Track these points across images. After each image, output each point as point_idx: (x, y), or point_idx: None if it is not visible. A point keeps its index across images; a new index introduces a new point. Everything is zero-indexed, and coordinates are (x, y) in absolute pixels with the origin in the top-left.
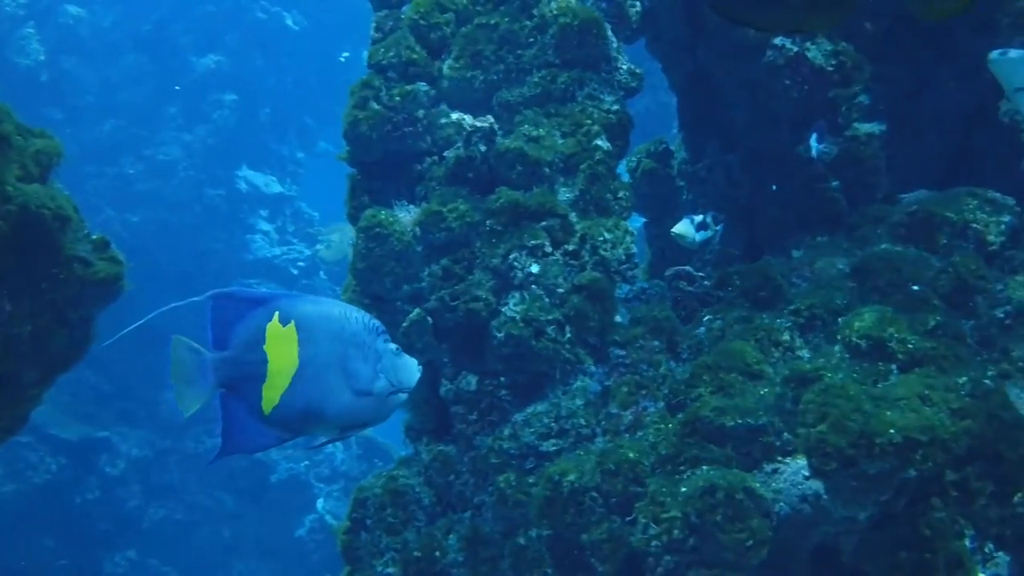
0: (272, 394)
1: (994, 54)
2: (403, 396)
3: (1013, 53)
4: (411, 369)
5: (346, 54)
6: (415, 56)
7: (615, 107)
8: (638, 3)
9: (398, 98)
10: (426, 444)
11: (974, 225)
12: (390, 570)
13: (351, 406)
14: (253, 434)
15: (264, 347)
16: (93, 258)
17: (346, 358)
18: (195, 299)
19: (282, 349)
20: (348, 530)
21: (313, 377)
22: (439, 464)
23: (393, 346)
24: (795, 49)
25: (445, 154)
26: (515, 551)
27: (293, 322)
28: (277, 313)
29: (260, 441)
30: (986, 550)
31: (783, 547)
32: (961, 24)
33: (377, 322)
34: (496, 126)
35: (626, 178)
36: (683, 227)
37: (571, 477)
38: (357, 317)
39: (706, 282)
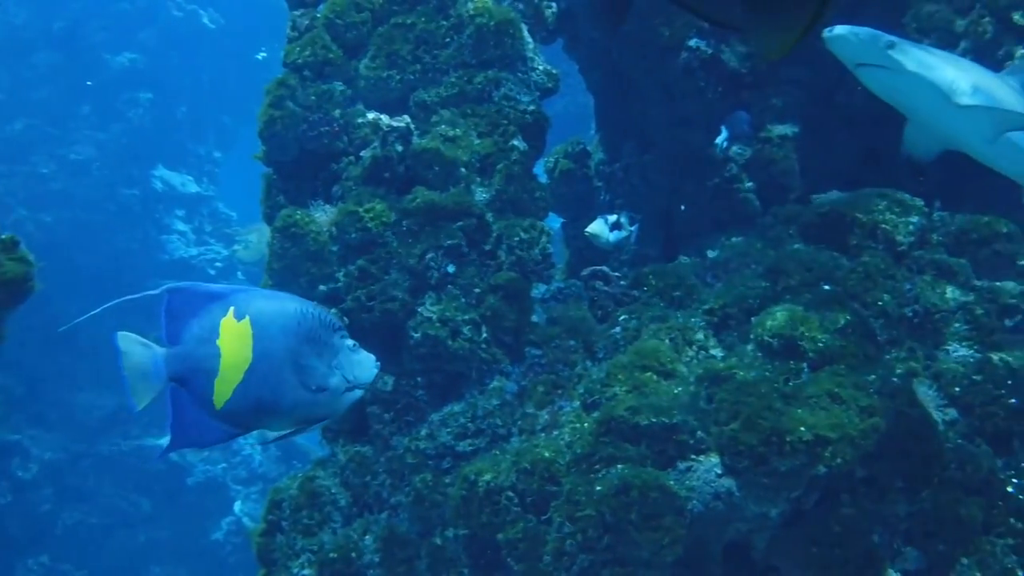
0: (224, 388)
1: (824, 32)
2: (359, 392)
3: (840, 28)
4: (367, 365)
5: (264, 52)
6: (331, 55)
7: (531, 107)
8: (554, 4)
9: (314, 97)
10: (343, 445)
11: (883, 226)
12: (306, 572)
13: (305, 402)
14: (204, 428)
15: (218, 341)
16: (1, 258)
17: (301, 354)
18: (150, 292)
19: (236, 344)
20: (263, 532)
21: (266, 372)
22: (356, 465)
23: (350, 342)
24: (710, 51)
25: (362, 154)
26: (432, 551)
27: (248, 317)
28: (232, 308)
29: (211, 435)
30: (895, 545)
31: (697, 544)
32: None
33: (334, 318)
34: (413, 126)
35: (543, 178)
36: (597, 227)
37: (487, 477)
38: (313, 313)
39: (622, 282)
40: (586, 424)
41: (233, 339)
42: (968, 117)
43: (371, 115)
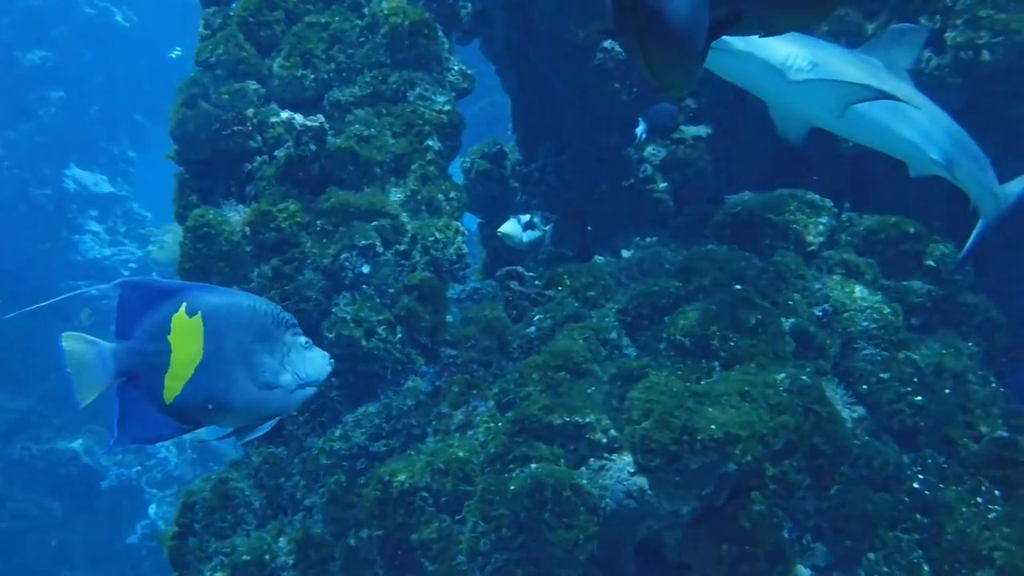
0: (174, 384)
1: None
2: (312, 390)
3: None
4: (320, 363)
5: (178, 51)
6: (244, 54)
7: (447, 107)
8: (469, 4)
9: (227, 96)
10: (256, 447)
11: (794, 226)
12: (218, 575)
13: (256, 398)
14: (153, 424)
15: (169, 337)
16: None
17: (252, 351)
18: (103, 286)
19: (187, 340)
20: (176, 535)
21: (217, 369)
22: (269, 466)
23: (303, 339)
24: (624, 53)
25: (275, 153)
26: (346, 552)
27: (200, 313)
28: (184, 304)
29: (159, 431)
30: (804, 541)
31: (610, 542)
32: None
33: (288, 315)
34: (327, 125)
35: (460, 179)
36: (509, 227)
37: (401, 477)
38: (266, 310)
39: (537, 282)
40: (500, 424)
41: (184, 335)
42: (808, 92)
43: (285, 114)
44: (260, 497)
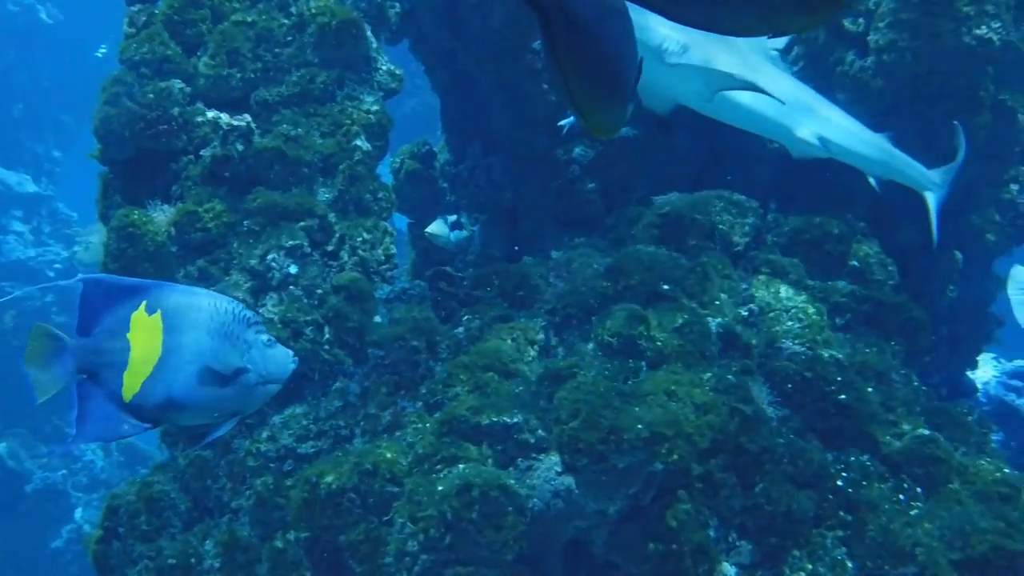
0: (133, 382)
1: None
2: (274, 387)
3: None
4: (282, 360)
5: (104, 49)
6: (169, 52)
7: (375, 107)
8: (398, 4)
9: (152, 95)
10: (183, 449)
11: (721, 227)
12: None
13: (215, 396)
14: (111, 422)
15: (128, 335)
16: None
17: (212, 349)
18: (64, 283)
19: (146, 338)
20: (100, 539)
21: (176, 366)
22: (196, 469)
23: (265, 337)
24: None
25: (201, 153)
26: (273, 554)
27: (160, 311)
28: (145, 302)
29: (118, 429)
30: (729, 539)
31: (537, 542)
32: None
33: (250, 313)
34: (254, 125)
35: (388, 179)
36: (436, 227)
37: (329, 478)
38: (228, 308)
39: (465, 282)
40: (428, 424)
41: (143, 333)
42: (680, 77)
43: (211, 114)
44: (186, 500)
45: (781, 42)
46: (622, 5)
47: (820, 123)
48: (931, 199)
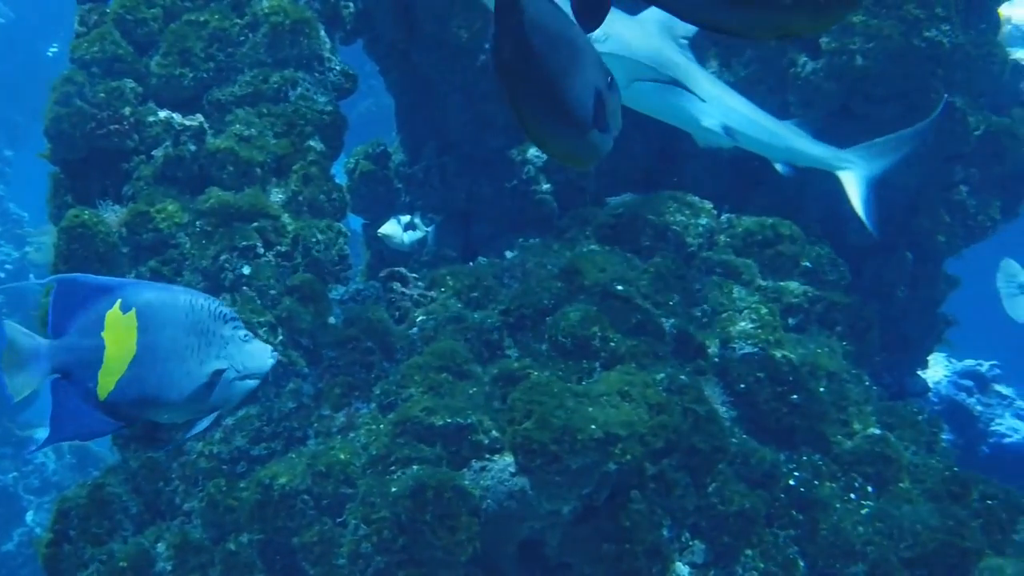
0: (108, 380)
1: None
2: (252, 382)
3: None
4: (260, 356)
5: (55, 48)
6: (121, 52)
7: (329, 108)
8: (352, 4)
9: (103, 95)
10: (134, 451)
11: (674, 227)
12: None
13: (192, 393)
14: (87, 420)
15: (102, 334)
16: None
17: (188, 345)
18: (38, 282)
19: (120, 336)
20: (50, 543)
21: (152, 364)
22: (147, 471)
23: (242, 332)
24: None
25: (153, 153)
26: (226, 557)
27: (134, 309)
28: (119, 300)
29: (94, 427)
30: (683, 539)
31: (491, 543)
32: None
33: (227, 309)
34: (206, 125)
35: (343, 179)
36: (389, 227)
37: (282, 480)
38: (204, 304)
39: (420, 283)
40: (382, 425)
41: (118, 331)
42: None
43: (163, 113)
44: (138, 502)
45: (691, 30)
46: (573, 35)
47: (726, 112)
48: (847, 177)
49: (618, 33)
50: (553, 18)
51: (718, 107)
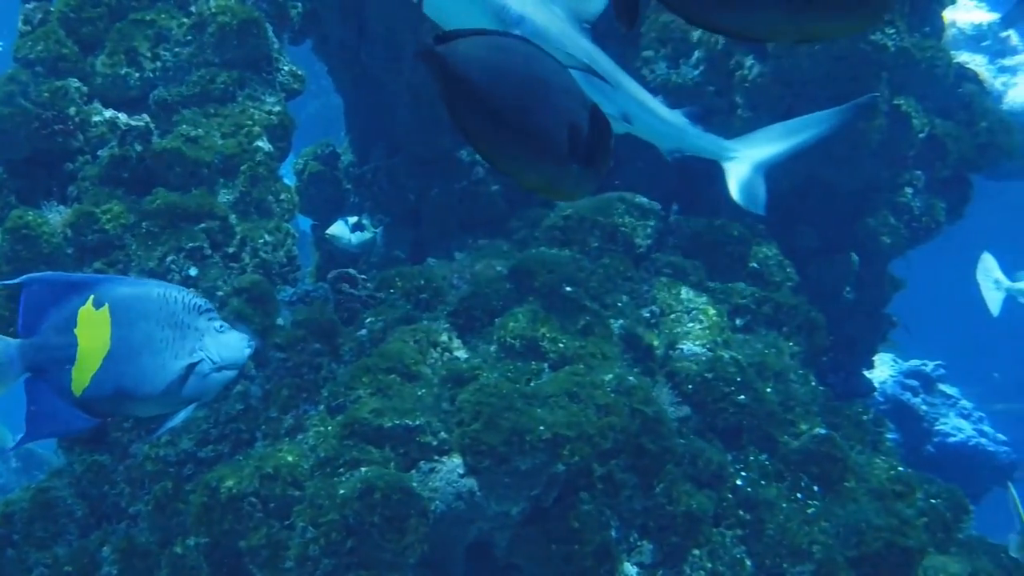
0: (82, 376)
1: None
2: (231, 373)
3: None
4: (236, 346)
5: None
6: (66, 51)
7: (276, 108)
8: (300, 4)
9: (47, 94)
10: (79, 454)
11: (623, 229)
12: None
13: (168, 385)
14: (63, 417)
15: (75, 330)
16: None
17: (162, 339)
18: (8, 282)
19: (94, 332)
20: None
21: (126, 358)
22: (93, 474)
23: (218, 324)
24: None
25: (99, 153)
26: (172, 561)
27: (107, 305)
28: (92, 296)
29: (71, 423)
30: (631, 539)
31: (440, 544)
32: (611, 37)
33: (202, 301)
34: (153, 125)
35: (291, 180)
36: (337, 228)
37: (229, 483)
38: (178, 297)
39: (368, 284)
40: (330, 427)
41: (91, 327)
42: None
43: (108, 113)
44: (83, 506)
45: (594, 14)
46: (522, 68)
47: (625, 99)
48: (728, 167)
49: (531, 17)
50: (500, 55)
51: (620, 93)
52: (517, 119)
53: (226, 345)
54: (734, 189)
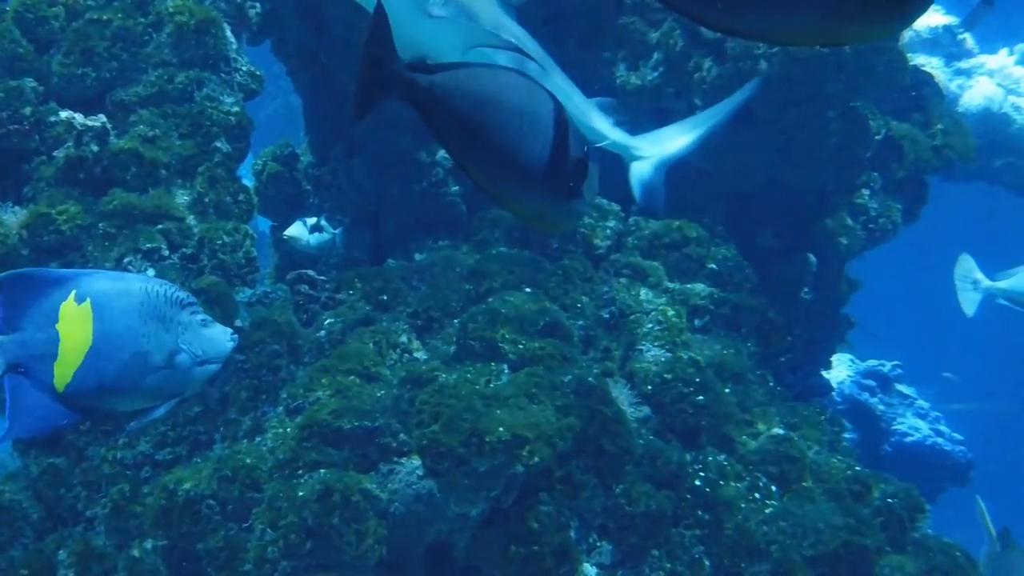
0: (65, 372)
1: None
2: (214, 366)
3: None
4: (218, 340)
5: None
6: (21, 50)
7: (235, 108)
8: (258, 4)
9: (2, 94)
10: (35, 457)
11: (582, 230)
12: None
13: (151, 380)
14: (46, 413)
15: (57, 326)
16: None
17: (145, 333)
18: None
19: (76, 327)
20: None
21: (108, 353)
22: (49, 477)
23: (200, 317)
24: None
25: (55, 154)
26: (129, 564)
27: (89, 300)
28: (74, 291)
29: (53, 420)
30: (590, 540)
31: (399, 547)
32: (569, 39)
33: (183, 294)
34: (110, 126)
35: (250, 181)
36: (295, 230)
37: (187, 485)
38: (159, 291)
39: (328, 285)
40: (289, 429)
41: (73, 323)
42: (440, 29)
43: (64, 113)
44: (39, 509)
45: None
46: (504, 98)
47: (554, 85)
48: (633, 164)
49: (461, 1)
50: (486, 86)
51: (545, 80)
52: (505, 152)
53: (209, 339)
54: (635, 188)
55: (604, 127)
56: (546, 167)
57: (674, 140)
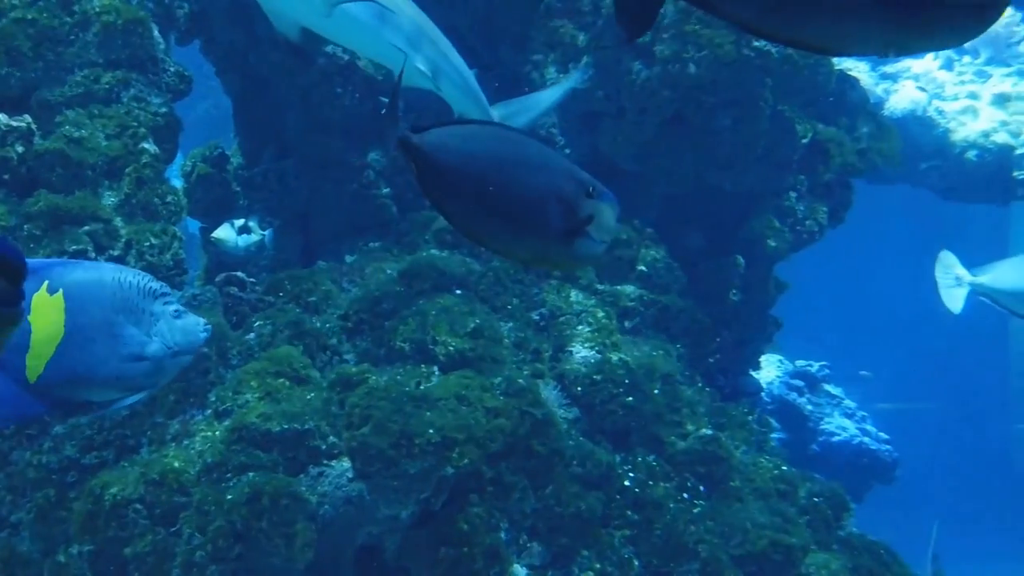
0: (36, 363)
1: None
2: (187, 358)
3: None
4: (192, 330)
5: None
6: None
7: (163, 109)
8: (187, 4)
9: None
10: None
11: None
12: None
13: (123, 371)
14: (18, 404)
15: (28, 317)
16: None
17: (117, 323)
18: None
19: (47, 318)
20: None
21: (80, 344)
22: None
23: (173, 308)
24: (347, 57)
25: None
26: (55, 569)
27: (61, 290)
28: (46, 282)
29: (26, 411)
30: (521, 541)
31: (329, 549)
32: (503, 41)
33: (157, 285)
34: (35, 126)
35: (179, 182)
36: (222, 232)
37: (113, 490)
38: (132, 281)
39: (257, 287)
40: (218, 432)
41: (45, 313)
42: None
43: None
44: None
45: None
46: (492, 151)
47: (437, 55)
48: None
49: None
50: (473, 140)
51: (430, 48)
52: (493, 200)
53: (181, 330)
54: None
55: (478, 98)
56: (531, 213)
57: (520, 115)
